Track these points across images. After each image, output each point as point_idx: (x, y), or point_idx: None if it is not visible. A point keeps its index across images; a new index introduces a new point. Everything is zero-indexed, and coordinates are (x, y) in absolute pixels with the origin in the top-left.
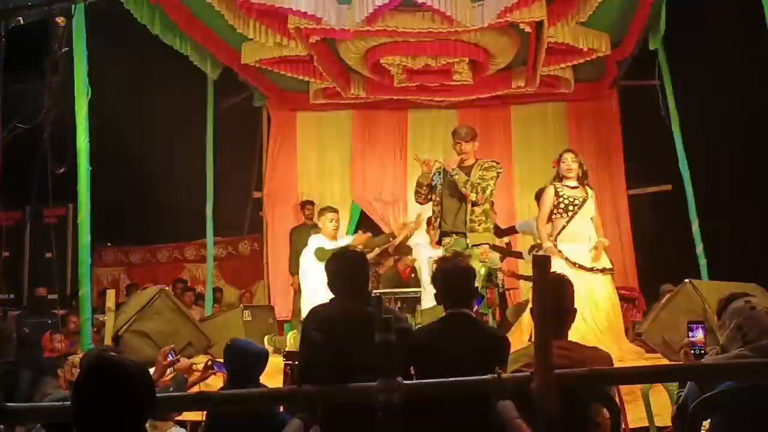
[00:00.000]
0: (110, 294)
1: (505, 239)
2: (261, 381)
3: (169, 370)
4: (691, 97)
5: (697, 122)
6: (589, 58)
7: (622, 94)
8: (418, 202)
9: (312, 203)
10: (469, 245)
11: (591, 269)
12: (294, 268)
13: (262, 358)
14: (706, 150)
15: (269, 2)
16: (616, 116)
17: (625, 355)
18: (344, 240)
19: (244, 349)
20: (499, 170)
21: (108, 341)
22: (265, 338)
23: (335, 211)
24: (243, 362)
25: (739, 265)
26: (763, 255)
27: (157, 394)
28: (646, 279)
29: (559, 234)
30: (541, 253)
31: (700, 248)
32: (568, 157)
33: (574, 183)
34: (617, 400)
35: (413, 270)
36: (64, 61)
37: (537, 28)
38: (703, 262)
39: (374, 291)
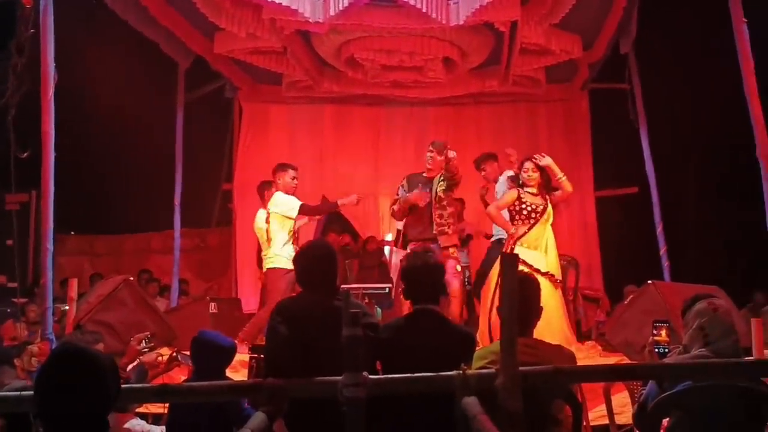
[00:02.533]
0: (72, 283)
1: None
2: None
3: (140, 358)
4: (659, 101)
5: (665, 126)
6: (561, 60)
7: (592, 97)
8: (396, 218)
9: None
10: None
11: (545, 273)
12: (262, 263)
13: (228, 350)
14: (672, 154)
15: None
16: (586, 118)
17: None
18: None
19: (212, 342)
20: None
21: (69, 331)
22: None
23: (295, 168)
24: (210, 355)
25: (701, 268)
26: (725, 258)
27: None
28: (611, 280)
29: (519, 239)
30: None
31: (663, 250)
32: (529, 166)
33: (534, 190)
34: (579, 397)
35: (383, 262)
36: (30, 43)
37: (511, 28)
38: (665, 263)
39: (343, 286)
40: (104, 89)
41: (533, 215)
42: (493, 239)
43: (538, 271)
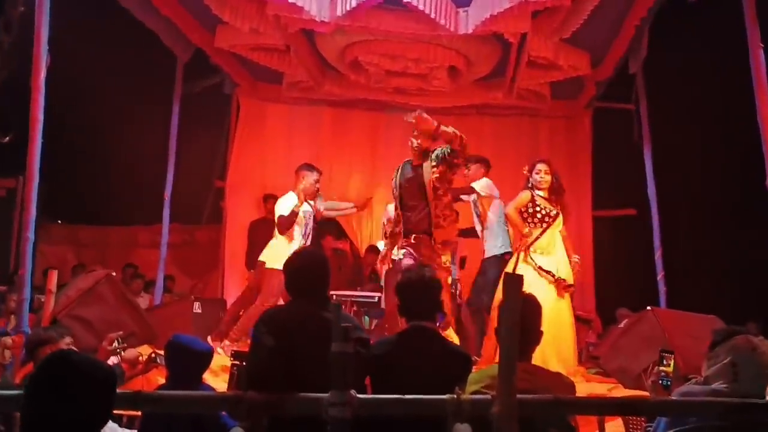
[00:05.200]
0: (51, 275)
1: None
2: (205, 378)
3: (112, 358)
4: (665, 124)
5: (669, 149)
6: (568, 76)
7: (595, 116)
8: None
9: (275, 197)
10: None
11: (557, 279)
12: (251, 263)
13: (204, 356)
14: (675, 178)
15: None
16: (588, 136)
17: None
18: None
19: (186, 347)
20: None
21: (46, 324)
22: None
23: (320, 171)
24: (184, 360)
25: (697, 294)
26: (722, 286)
27: None
28: (603, 301)
29: (532, 244)
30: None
31: (661, 275)
32: (542, 168)
33: (545, 194)
34: (573, 423)
35: (374, 270)
36: (22, 23)
37: (520, 40)
38: (663, 289)
39: (332, 293)
40: (99, 77)
41: (546, 219)
42: (488, 255)
43: (553, 276)
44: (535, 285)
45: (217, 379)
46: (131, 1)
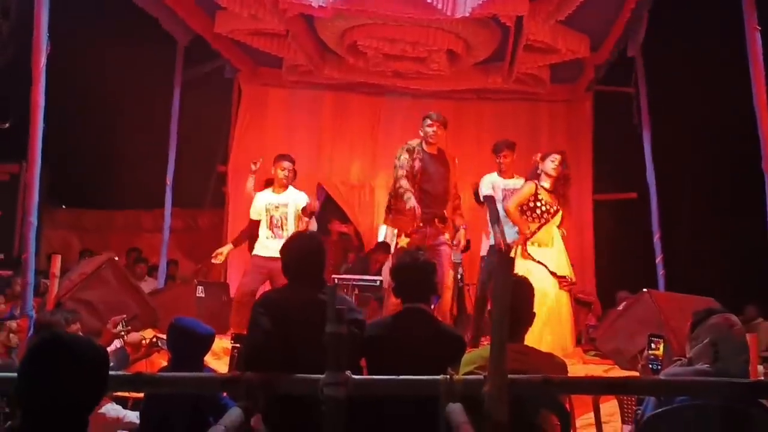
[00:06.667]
0: (55, 259)
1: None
2: (207, 361)
3: (116, 342)
4: (664, 107)
5: (668, 133)
6: (567, 59)
7: (596, 99)
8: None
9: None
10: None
11: (560, 278)
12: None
13: (206, 339)
14: (674, 162)
15: None
16: (589, 120)
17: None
18: (293, 193)
19: (188, 330)
20: None
21: (50, 308)
22: None
23: (291, 160)
24: (186, 343)
25: (696, 278)
26: (721, 269)
27: None
28: (604, 284)
29: (529, 238)
30: (511, 237)
31: (659, 258)
32: (557, 158)
33: (550, 185)
34: (567, 405)
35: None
36: (23, 9)
37: (517, 23)
38: (661, 272)
39: (334, 276)
40: (101, 62)
41: (545, 215)
42: (494, 242)
43: (551, 272)
44: (535, 273)
45: (219, 362)
46: None
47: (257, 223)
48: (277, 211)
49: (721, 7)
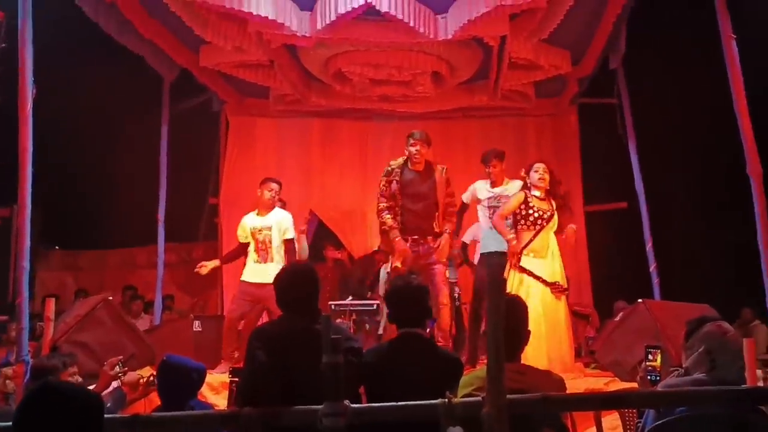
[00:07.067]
0: (49, 303)
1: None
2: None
3: (113, 383)
4: (648, 117)
5: (654, 142)
6: (550, 75)
7: (581, 112)
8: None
9: None
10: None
11: (552, 284)
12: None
13: (196, 375)
14: (662, 169)
15: (228, 5)
16: (575, 133)
17: (567, 373)
18: (276, 214)
19: (177, 367)
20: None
21: (46, 352)
22: None
23: (278, 182)
24: (175, 381)
25: (691, 284)
26: (714, 275)
27: None
28: (601, 295)
29: (525, 247)
30: (504, 246)
31: (653, 267)
32: (540, 167)
33: (542, 194)
34: (568, 421)
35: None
36: (8, 55)
37: (500, 43)
38: (655, 280)
39: (331, 303)
40: (88, 102)
41: (539, 222)
42: (481, 252)
43: (545, 281)
44: (530, 288)
45: (218, 396)
46: (113, 26)
47: (246, 245)
48: (260, 234)
49: (697, 17)
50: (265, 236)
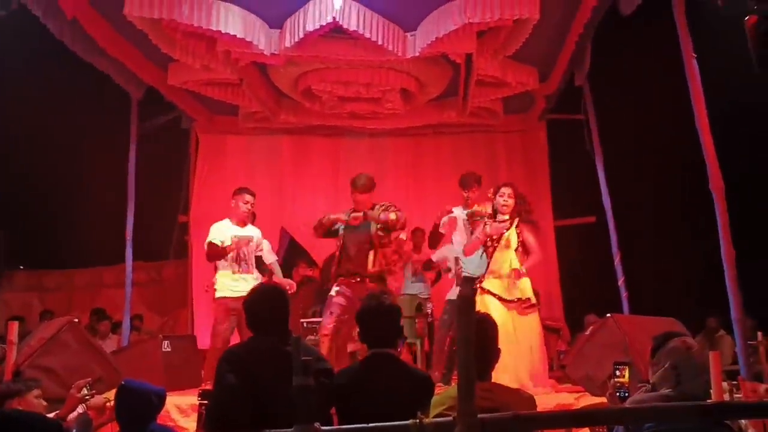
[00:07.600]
0: (12, 326)
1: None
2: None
3: (80, 408)
4: (614, 132)
5: (620, 157)
6: (517, 92)
7: (550, 127)
8: (317, 233)
9: None
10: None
11: (513, 301)
12: None
13: (156, 399)
14: (628, 184)
15: (197, 24)
16: (544, 148)
17: (538, 389)
18: (254, 230)
19: (135, 391)
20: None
21: (8, 377)
22: None
23: (252, 194)
24: (134, 405)
25: (659, 296)
26: (681, 286)
27: None
28: (571, 309)
29: (484, 275)
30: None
31: (621, 280)
32: (506, 191)
33: (506, 218)
34: None
35: None
36: None
37: (467, 60)
38: (624, 293)
39: (302, 320)
40: (54, 120)
41: (489, 242)
42: (463, 274)
43: (504, 300)
44: (496, 310)
45: (187, 419)
46: (78, 44)
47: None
48: (242, 243)
49: (660, 35)
50: (249, 247)
